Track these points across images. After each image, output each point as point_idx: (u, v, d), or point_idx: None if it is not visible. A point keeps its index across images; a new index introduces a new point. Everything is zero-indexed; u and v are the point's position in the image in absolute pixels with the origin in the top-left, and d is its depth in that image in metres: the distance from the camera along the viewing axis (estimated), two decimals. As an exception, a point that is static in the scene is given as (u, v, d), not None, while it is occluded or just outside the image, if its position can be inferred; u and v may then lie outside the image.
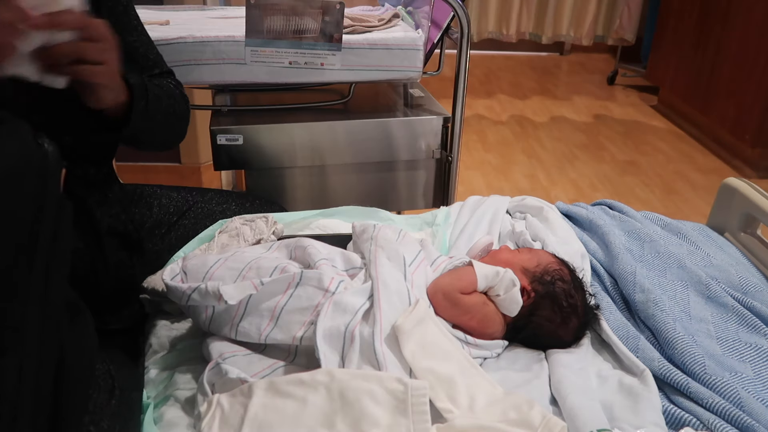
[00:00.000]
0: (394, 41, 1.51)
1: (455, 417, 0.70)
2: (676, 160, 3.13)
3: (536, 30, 4.53)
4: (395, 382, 0.69)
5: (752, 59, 2.89)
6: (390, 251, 0.86)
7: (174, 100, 1.01)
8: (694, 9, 3.34)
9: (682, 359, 0.85)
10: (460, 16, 1.52)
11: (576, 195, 2.73)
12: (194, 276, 0.83)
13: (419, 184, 1.73)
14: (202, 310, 0.80)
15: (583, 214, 1.20)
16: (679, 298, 0.99)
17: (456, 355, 0.78)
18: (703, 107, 3.29)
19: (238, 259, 0.84)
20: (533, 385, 0.81)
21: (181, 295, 0.79)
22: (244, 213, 1.17)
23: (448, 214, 1.21)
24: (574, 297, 0.89)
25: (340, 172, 1.67)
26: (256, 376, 0.74)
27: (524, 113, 3.66)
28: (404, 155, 1.67)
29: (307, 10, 1.37)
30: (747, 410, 0.77)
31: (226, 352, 0.77)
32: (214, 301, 0.77)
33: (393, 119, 1.64)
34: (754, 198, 1.14)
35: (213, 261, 0.84)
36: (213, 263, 0.84)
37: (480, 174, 2.87)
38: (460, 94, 1.61)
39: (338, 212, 1.20)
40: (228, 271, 0.82)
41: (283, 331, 0.77)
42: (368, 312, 0.78)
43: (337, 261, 0.87)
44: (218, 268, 0.83)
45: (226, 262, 0.84)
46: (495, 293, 0.86)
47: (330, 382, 0.69)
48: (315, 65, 1.45)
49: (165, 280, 0.83)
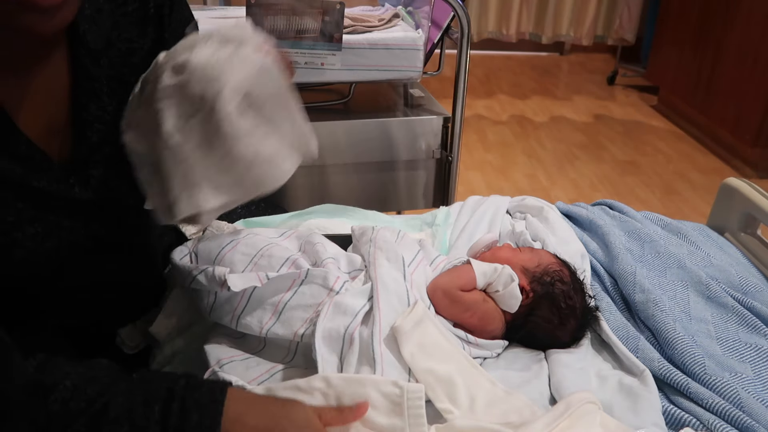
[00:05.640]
0: (394, 41, 1.51)
1: (455, 417, 0.70)
2: (676, 160, 3.13)
3: (536, 30, 4.53)
4: (391, 386, 0.69)
5: (752, 59, 2.89)
6: (389, 252, 0.86)
7: None
8: (694, 9, 3.34)
9: (682, 359, 0.85)
10: (460, 16, 1.51)
11: (576, 195, 2.73)
12: (205, 258, 0.82)
13: (419, 184, 1.73)
14: (205, 294, 0.79)
15: (583, 214, 1.20)
16: (679, 299, 0.99)
17: (455, 355, 0.78)
18: (703, 107, 3.29)
19: (251, 243, 0.84)
20: (533, 385, 0.81)
21: (187, 276, 0.79)
22: (248, 216, 1.18)
23: (448, 214, 1.21)
24: (573, 299, 0.89)
25: (340, 172, 1.67)
26: (253, 382, 0.74)
27: (524, 113, 3.66)
28: (404, 155, 1.67)
29: (307, 10, 1.37)
30: (747, 410, 0.77)
31: (223, 358, 0.77)
32: (217, 286, 0.76)
33: (393, 119, 1.64)
34: (754, 198, 1.14)
35: (226, 242, 0.83)
36: (226, 244, 0.83)
37: (480, 174, 2.87)
38: (460, 94, 1.61)
39: (313, 212, 1.20)
40: (240, 256, 0.82)
41: (284, 326, 0.77)
42: (368, 314, 0.78)
43: (341, 262, 0.87)
44: (230, 250, 0.82)
45: (238, 245, 0.83)
46: (494, 289, 0.86)
47: (326, 388, 0.69)
48: (315, 65, 1.45)
49: (173, 259, 0.82)
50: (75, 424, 0.59)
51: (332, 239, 0.93)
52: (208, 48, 0.65)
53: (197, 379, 0.64)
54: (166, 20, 0.77)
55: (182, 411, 0.60)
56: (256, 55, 0.67)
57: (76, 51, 0.68)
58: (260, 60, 0.67)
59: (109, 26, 0.72)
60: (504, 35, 4.51)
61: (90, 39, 0.69)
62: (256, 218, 1.18)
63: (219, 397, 0.62)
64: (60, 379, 0.60)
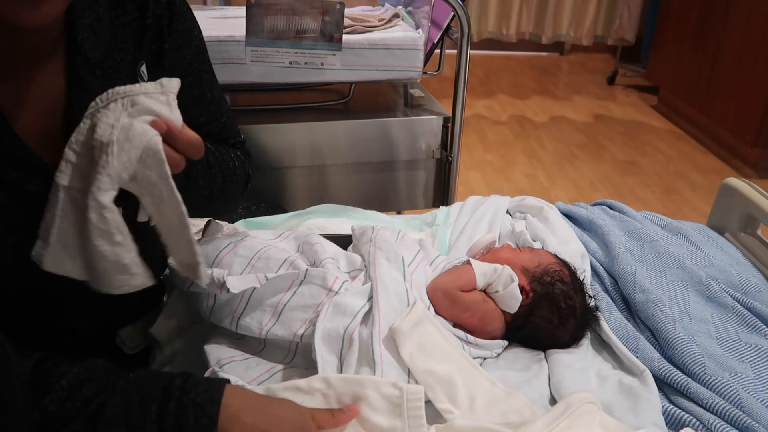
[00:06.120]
0: (394, 41, 1.51)
1: (455, 418, 0.70)
2: (676, 160, 3.13)
3: (536, 30, 4.53)
4: (391, 387, 0.69)
5: (752, 59, 2.89)
6: (389, 252, 0.86)
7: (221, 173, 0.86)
8: (694, 9, 3.34)
9: (682, 359, 0.85)
10: (460, 16, 1.51)
11: (576, 195, 2.73)
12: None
13: (419, 184, 1.73)
14: (204, 297, 0.79)
15: (583, 214, 1.20)
16: (679, 299, 0.99)
17: (455, 355, 0.78)
18: (703, 107, 3.29)
19: (248, 246, 0.84)
20: (532, 385, 0.81)
21: (185, 279, 0.79)
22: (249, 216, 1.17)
23: (448, 214, 1.21)
24: (573, 299, 0.89)
25: (340, 172, 1.67)
26: (253, 383, 0.74)
27: (524, 113, 3.66)
28: (404, 155, 1.67)
29: (307, 10, 1.37)
30: (747, 411, 0.77)
31: (223, 359, 0.77)
32: (216, 289, 0.76)
33: (393, 119, 1.64)
34: (754, 198, 1.14)
35: (223, 245, 0.83)
36: (223, 247, 0.83)
37: (480, 174, 2.87)
38: (460, 94, 1.61)
39: (313, 212, 1.20)
40: (237, 258, 0.82)
41: (284, 327, 0.77)
42: (368, 314, 0.78)
43: (341, 262, 0.87)
44: (227, 253, 0.82)
45: (236, 247, 0.83)
46: (494, 290, 0.86)
47: (326, 389, 0.69)
48: (315, 65, 1.45)
49: (171, 263, 0.82)
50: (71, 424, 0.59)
51: (332, 239, 0.93)
52: (111, 116, 0.59)
53: (194, 378, 0.64)
54: (166, 31, 0.76)
55: (179, 410, 0.60)
56: (147, 134, 0.59)
57: (72, 60, 0.68)
58: (150, 140, 0.59)
59: (109, 36, 0.71)
60: (504, 35, 4.51)
61: (88, 48, 0.68)
62: (257, 218, 1.18)
63: (216, 395, 0.62)
64: (56, 379, 0.60)
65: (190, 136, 0.63)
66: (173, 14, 0.77)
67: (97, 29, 0.70)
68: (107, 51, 0.71)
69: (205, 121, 0.84)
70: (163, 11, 0.76)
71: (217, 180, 0.82)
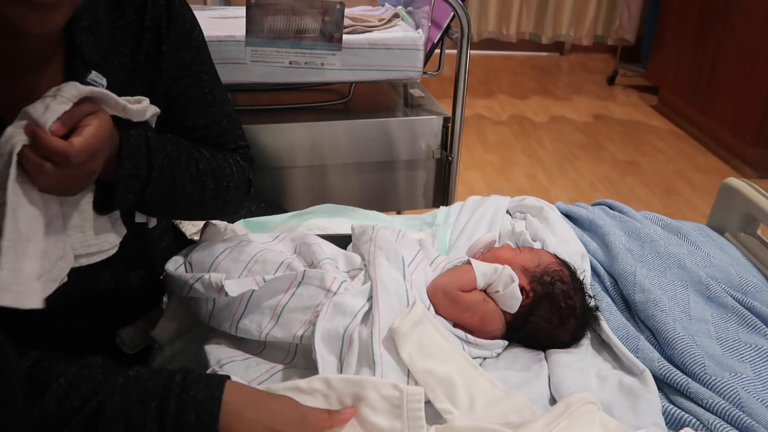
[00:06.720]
0: (394, 41, 1.51)
1: (455, 418, 0.70)
2: (676, 160, 3.13)
3: (536, 30, 4.53)
4: (391, 388, 0.69)
5: (752, 59, 2.89)
6: (389, 252, 0.86)
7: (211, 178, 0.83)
8: (694, 9, 3.34)
9: (682, 359, 0.85)
10: (460, 16, 1.51)
11: (576, 195, 2.73)
12: (199, 266, 0.82)
13: (419, 184, 1.73)
14: (203, 302, 0.79)
15: (583, 214, 1.20)
16: (679, 299, 0.99)
17: (455, 355, 0.78)
18: (703, 107, 3.28)
19: (244, 250, 0.84)
20: (532, 385, 0.81)
21: (183, 285, 0.79)
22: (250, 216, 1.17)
23: (448, 214, 1.21)
24: (573, 298, 0.89)
25: (340, 172, 1.67)
26: (253, 383, 0.74)
27: (524, 113, 3.66)
28: (404, 155, 1.67)
29: (307, 10, 1.37)
30: (747, 410, 0.77)
31: (223, 358, 0.77)
32: (215, 293, 0.76)
33: (393, 119, 1.64)
34: (754, 198, 1.14)
35: (219, 250, 0.83)
36: (219, 252, 0.83)
37: (480, 174, 2.87)
38: (460, 94, 1.61)
39: (313, 212, 1.20)
40: (234, 263, 0.82)
41: (283, 329, 0.77)
42: (368, 314, 0.78)
43: (339, 261, 0.87)
44: (224, 258, 0.82)
45: (232, 252, 0.83)
46: (494, 290, 0.86)
47: (327, 389, 0.70)
48: (315, 65, 1.45)
49: (168, 269, 0.82)
50: (71, 423, 0.59)
51: (331, 239, 0.93)
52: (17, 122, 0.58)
53: (194, 375, 0.64)
54: (164, 33, 0.76)
55: (179, 408, 0.60)
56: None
57: (71, 62, 0.68)
58: (11, 144, 0.57)
59: (107, 39, 0.71)
60: (504, 35, 4.50)
61: (86, 50, 0.68)
62: (257, 218, 1.18)
63: (216, 392, 0.62)
64: (54, 378, 0.60)
65: (53, 144, 0.58)
66: (172, 16, 0.76)
67: (96, 32, 0.70)
68: (105, 54, 0.71)
69: (204, 123, 0.84)
70: (162, 13, 0.75)
71: (209, 186, 0.81)
